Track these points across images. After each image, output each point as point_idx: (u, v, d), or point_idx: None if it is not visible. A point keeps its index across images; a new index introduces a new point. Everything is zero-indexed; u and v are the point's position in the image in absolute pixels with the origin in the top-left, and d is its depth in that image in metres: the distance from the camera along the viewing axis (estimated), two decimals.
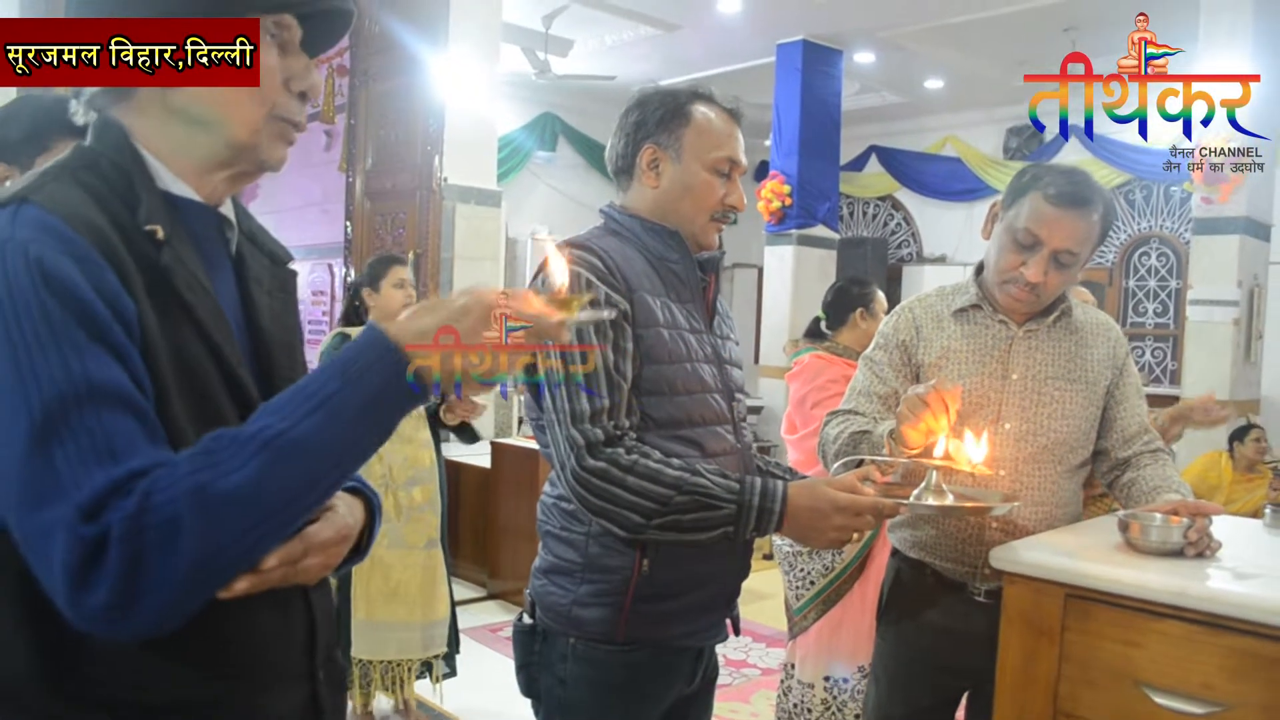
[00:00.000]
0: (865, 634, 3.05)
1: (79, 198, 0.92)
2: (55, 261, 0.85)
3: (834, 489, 1.54)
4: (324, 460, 0.88)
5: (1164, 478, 1.90)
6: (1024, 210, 1.87)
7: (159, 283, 0.94)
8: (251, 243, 1.13)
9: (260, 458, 0.84)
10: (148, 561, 0.80)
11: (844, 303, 3.38)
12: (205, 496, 0.82)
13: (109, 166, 0.97)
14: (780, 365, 7.48)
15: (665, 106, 1.69)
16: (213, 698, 0.97)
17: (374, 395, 0.89)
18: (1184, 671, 1.49)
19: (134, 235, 0.94)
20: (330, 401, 0.87)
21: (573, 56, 7.88)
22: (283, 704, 1.05)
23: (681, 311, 1.67)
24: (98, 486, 0.81)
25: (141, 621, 0.83)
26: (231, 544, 0.84)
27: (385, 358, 0.89)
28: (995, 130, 9.38)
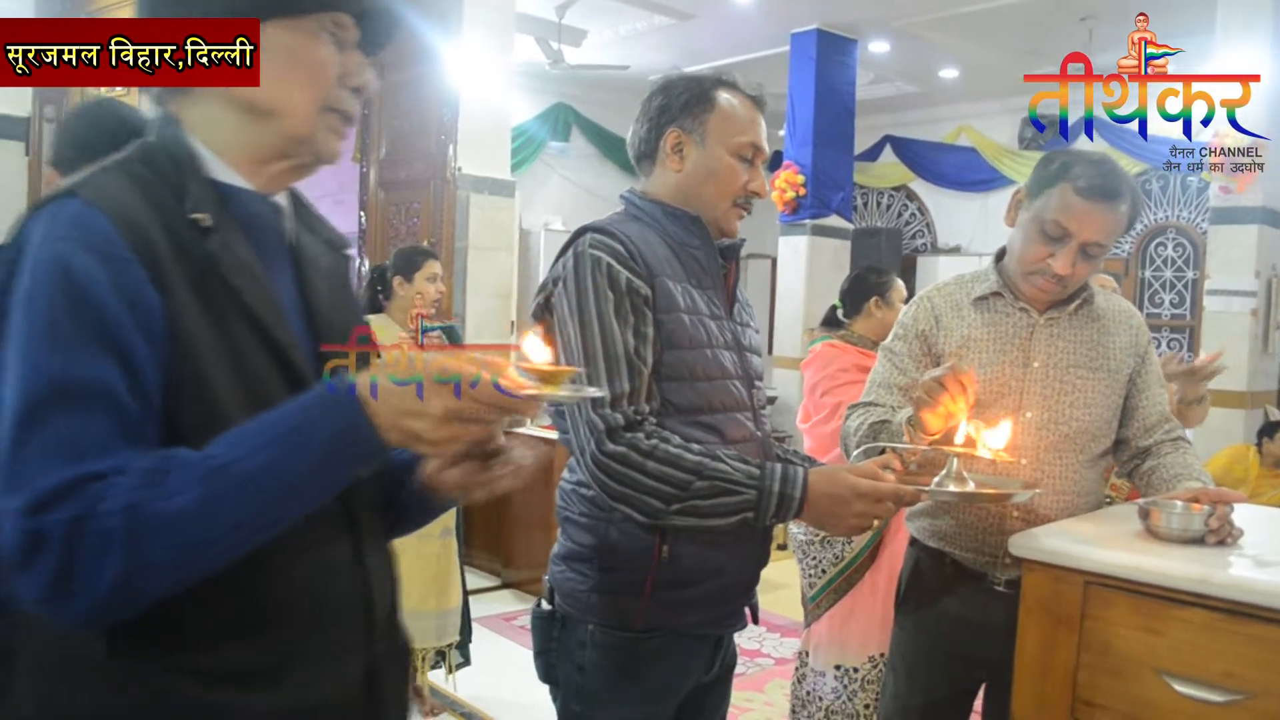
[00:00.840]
0: (877, 623, 3.05)
1: (125, 190, 0.96)
2: (77, 259, 0.89)
3: (854, 475, 1.53)
4: (266, 497, 0.89)
5: (1185, 465, 1.89)
6: (1053, 201, 1.85)
7: (205, 270, 0.97)
8: (309, 230, 1.17)
9: (203, 486, 0.86)
10: (77, 567, 0.83)
11: (860, 291, 3.37)
12: (139, 516, 0.84)
13: (164, 158, 1.01)
14: (794, 356, 7.47)
15: (690, 91, 1.69)
16: (266, 666, 0.99)
17: (325, 441, 0.89)
18: (1206, 660, 1.48)
19: (180, 224, 0.97)
20: (283, 440, 0.88)
21: (586, 46, 7.85)
22: (339, 675, 1.06)
23: (702, 297, 1.67)
24: (50, 484, 0.84)
25: (73, 616, 0.87)
26: (158, 564, 0.86)
27: (341, 406, 0.89)
28: (1011, 120, 9.32)
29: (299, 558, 1.00)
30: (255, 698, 0.98)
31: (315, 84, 1.05)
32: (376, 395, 0.89)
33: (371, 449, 0.91)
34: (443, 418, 0.89)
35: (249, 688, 0.98)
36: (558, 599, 1.68)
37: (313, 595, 1.03)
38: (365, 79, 1.11)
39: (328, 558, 1.05)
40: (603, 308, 1.56)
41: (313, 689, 1.03)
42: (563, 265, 1.64)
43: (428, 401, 0.88)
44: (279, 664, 1.00)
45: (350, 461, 0.92)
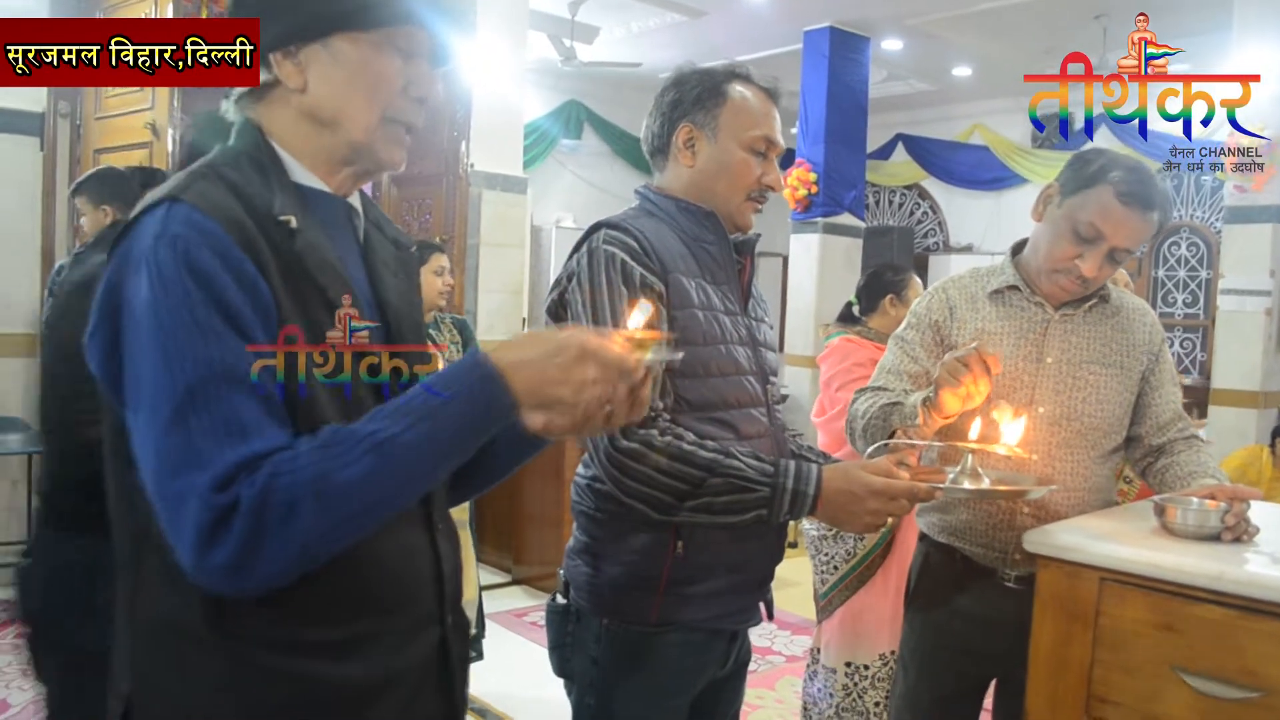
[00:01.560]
0: (888, 621, 3.04)
1: (222, 193, 1.02)
2: (200, 255, 0.96)
3: (869, 473, 1.53)
4: (422, 466, 0.98)
5: (1199, 463, 1.88)
6: (1090, 202, 1.83)
7: (293, 267, 1.04)
8: (378, 229, 1.24)
9: (371, 457, 0.94)
10: (267, 534, 0.91)
11: (876, 288, 3.37)
12: (324, 485, 0.92)
13: (248, 163, 1.08)
14: (805, 354, 7.46)
15: (702, 85, 1.69)
16: (353, 637, 1.07)
17: (474, 414, 0.98)
18: (1222, 656, 1.48)
19: (269, 225, 1.03)
20: (434, 415, 0.96)
21: (598, 44, 7.85)
22: (418, 647, 1.15)
23: (717, 293, 1.66)
24: (229, 461, 0.91)
25: (252, 583, 0.94)
26: (335, 529, 0.95)
27: (487, 381, 0.98)
28: (1024, 118, 9.26)
29: (383, 540, 1.07)
30: (342, 668, 1.06)
31: (376, 96, 1.11)
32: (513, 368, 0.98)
33: (508, 417, 1.00)
34: (581, 385, 0.99)
35: (337, 659, 1.06)
36: (572, 593, 1.68)
37: (396, 574, 1.11)
38: (429, 90, 1.16)
39: (407, 539, 1.14)
40: (616, 304, 1.56)
41: (395, 659, 1.11)
42: (577, 261, 1.63)
43: (571, 372, 0.98)
44: (364, 637, 1.08)
45: (491, 428, 1.01)
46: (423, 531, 1.17)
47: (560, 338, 1.00)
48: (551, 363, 0.98)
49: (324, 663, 1.05)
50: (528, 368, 0.98)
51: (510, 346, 1.01)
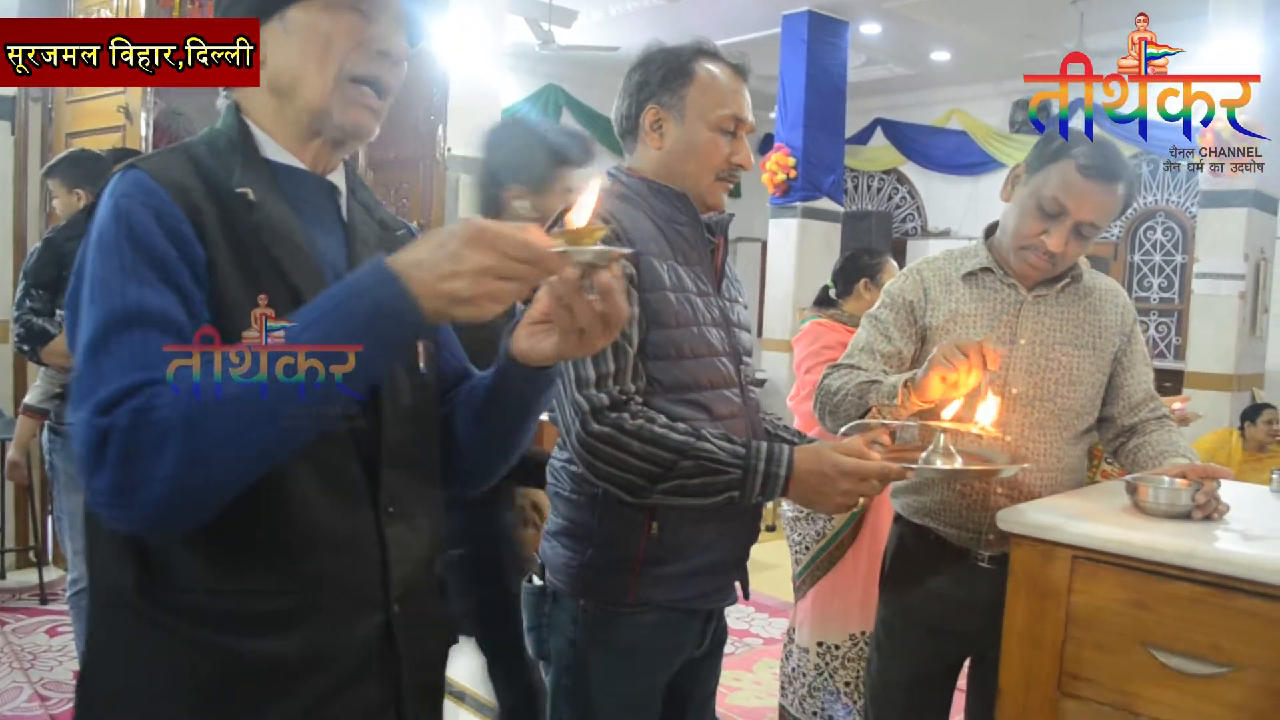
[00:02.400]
0: (858, 601, 3.07)
1: (180, 165, 1.05)
2: (137, 212, 0.99)
3: (840, 453, 1.53)
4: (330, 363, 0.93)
5: (1170, 443, 1.89)
6: (1053, 178, 1.85)
7: (248, 241, 1.04)
8: (365, 210, 1.22)
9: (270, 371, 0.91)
10: (141, 456, 0.89)
11: (852, 271, 3.37)
12: (193, 402, 0.90)
13: (224, 140, 1.10)
14: (784, 338, 7.47)
15: (668, 65, 1.67)
16: (283, 609, 1.05)
17: (367, 314, 0.92)
18: (1192, 633, 1.49)
19: (228, 199, 1.04)
20: (325, 319, 0.93)
21: (576, 27, 7.82)
22: (355, 630, 1.11)
23: (689, 274, 1.66)
24: (117, 388, 0.91)
25: (136, 514, 0.92)
26: (215, 450, 0.91)
27: (379, 280, 0.93)
28: (1002, 103, 9.32)
29: (317, 518, 1.05)
30: (266, 642, 1.04)
31: (329, 56, 1.09)
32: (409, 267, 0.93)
33: (412, 319, 0.93)
34: (479, 272, 0.91)
35: (264, 634, 1.04)
36: (548, 574, 1.68)
37: (328, 554, 1.07)
38: (392, 44, 1.12)
39: (345, 521, 1.09)
40: None
41: (326, 640, 1.08)
42: None
43: (463, 260, 0.91)
44: (293, 614, 1.05)
45: (391, 336, 0.96)
46: (367, 513, 1.11)
47: (454, 226, 0.93)
48: (442, 253, 0.92)
49: (251, 638, 1.03)
50: (421, 264, 0.92)
51: (411, 247, 0.96)
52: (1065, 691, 1.61)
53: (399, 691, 1.17)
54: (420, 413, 1.20)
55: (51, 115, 5.08)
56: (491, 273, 0.91)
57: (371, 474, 1.11)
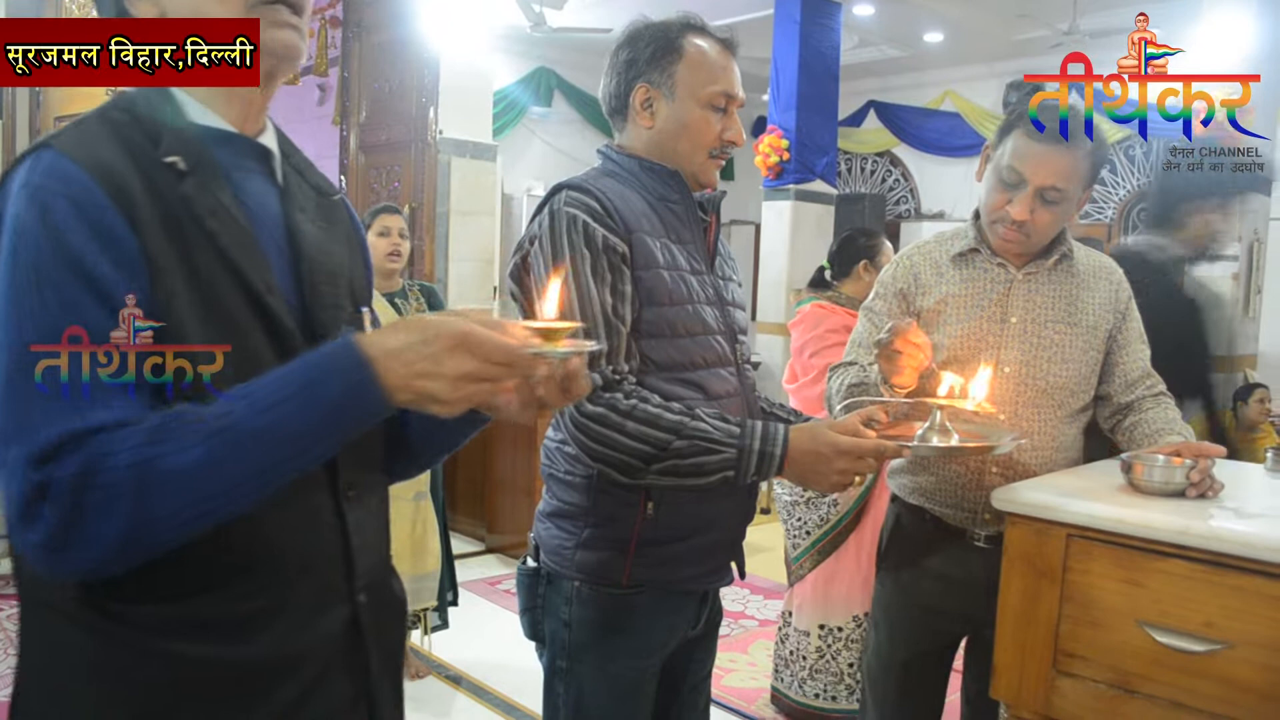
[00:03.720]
0: (860, 584, 3.08)
1: (100, 137, 0.96)
2: (56, 207, 0.89)
3: (836, 432, 1.52)
4: (270, 455, 0.89)
5: (1167, 420, 1.89)
6: (1008, 148, 1.87)
7: (180, 213, 0.96)
8: (299, 175, 1.15)
9: (210, 443, 0.86)
10: (82, 519, 0.84)
11: (849, 253, 3.36)
12: (148, 472, 0.84)
13: (143, 104, 1.01)
14: (778, 321, 7.46)
15: (656, 42, 1.65)
16: (241, 617, 1.00)
17: (332, 402, 0.89)
18: (1186, 610, 1.49)
19: (155, 169, 0.96)
20: (290, 400, 0.88)
21: (568, 9, 7.76)
22: (322, 625, 1.06)
23: (682, 252, 1.65)
24: (54, 435, 0.85)
25: (71, 568, 0.87)
26: (164, 519, 0.86)
27: (350, 367, 0.89)
28: (995, 85, 9.27)
29: (274, 511, 0.99)
30: (232, 649, 0.99)
31: None
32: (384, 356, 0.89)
33: (378, 409, 0.91)
34: (458, 379, 0.89)
35: (225, 640, 0.98)
36: (543, 556, 1.67)
37: (288, 545, 1.03)
38: None
39: (304, 511, 1.05)
40: (579, 266, 1.54)
41: (291, 640, 1.03)
42: (539, 224, 1.61)
43: (443, 364, 0.88)
44: (255, 615, 1.00)
45: (356, 421, 0.92)
46: (326, 498, 1.07)
47: (436, 325, 0.90)
48: (423, 353, 0.88)
49: (208, 643, 0.97)
50: (398, 357, 0.89)
51: (386, 332, 0.91)
52: (1060, 670, 1.62)
53: (368, 685, 1.13)
54: None
55: (40, 99, 5.05)
56: (470, 378, 0.90)
57: (329, 462, 1.05)
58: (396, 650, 1.24)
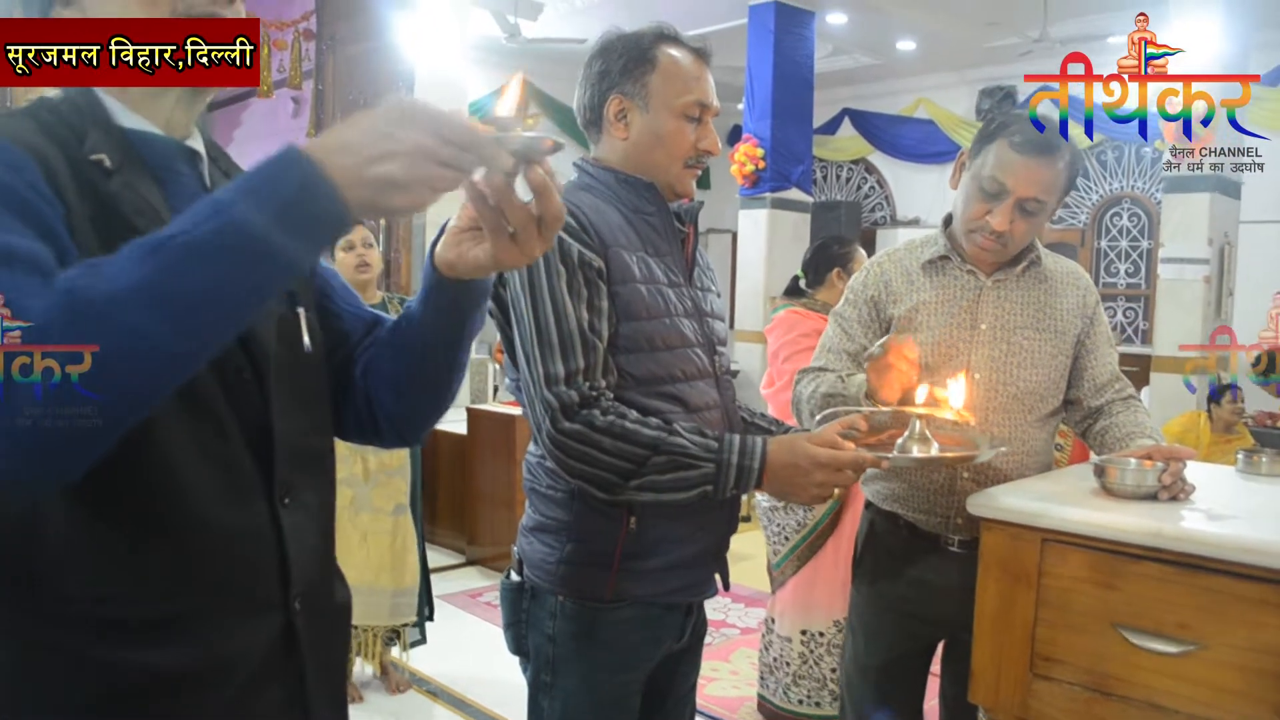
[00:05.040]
0: (840, 588, 3.09)
1: (27, 128, 0.95)
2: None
3: (814, 445, 1.53)
4: (218, 270, 0.79)
5: (1137, 424, 1.91)
6: (990, 159, 1.88)
7: (107, 209, 0.94)
8: (226, 178, 1.11)
9: (145, 263, 0.78)
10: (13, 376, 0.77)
11: (823, 261, 3.39)
12: (74, 301, 0.77)
13: (68, 107, 0.99)
14: (755, 329, 7.49)
15: (629, 53, 1.65)
16: (174, 615, 0.97)
17: (281, 205, 0.80)
18: (1160, 612, 1.51)
19: (82, 165, 0.95)
20: (231, 208, 0.80)
21: (543, 20, 7.80)
22: (252, 633, 1.03)
23: (659, 265, 1.65)
24: None
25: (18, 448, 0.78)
26: (102, 359, 0.77)
27: (295, 167, 0.81)
28: (968, 92, 9.38)
29: (205, 511, 0.97)
30: (160, 653, 0.96)
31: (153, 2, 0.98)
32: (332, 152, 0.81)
33: (332, 213, 0.82)
34: (414, 154, 0.81)
35: (148, 642, 0.95)
36: (526, 570, 1.67)
37: (219, 550, 1.00)
38: None
39: (237, 513, 1.01)
40: (554, 283, 1.53)
41: (220, 647, 1.00)
42: None
43: (396, 138, 0.81)
44: (181, 619, 0.97)
45: (309, 230, 0.83)
46: (261, 504, 1.03)
47: (381, 109, 0.82)
48: (372, 134, 0.81)
49: (131, 646, 0.94)
50: (346, 149, 0.81)
51: (325, 134, 0.83)
52: (1037, 673, 1.63)
53: (304, 694, 1.09)
54: (309, 393, 1.11)
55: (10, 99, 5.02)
56: (428, 155, 0.81)
57: (263, 463, 1.03)
58: (337, 658, 1.21)
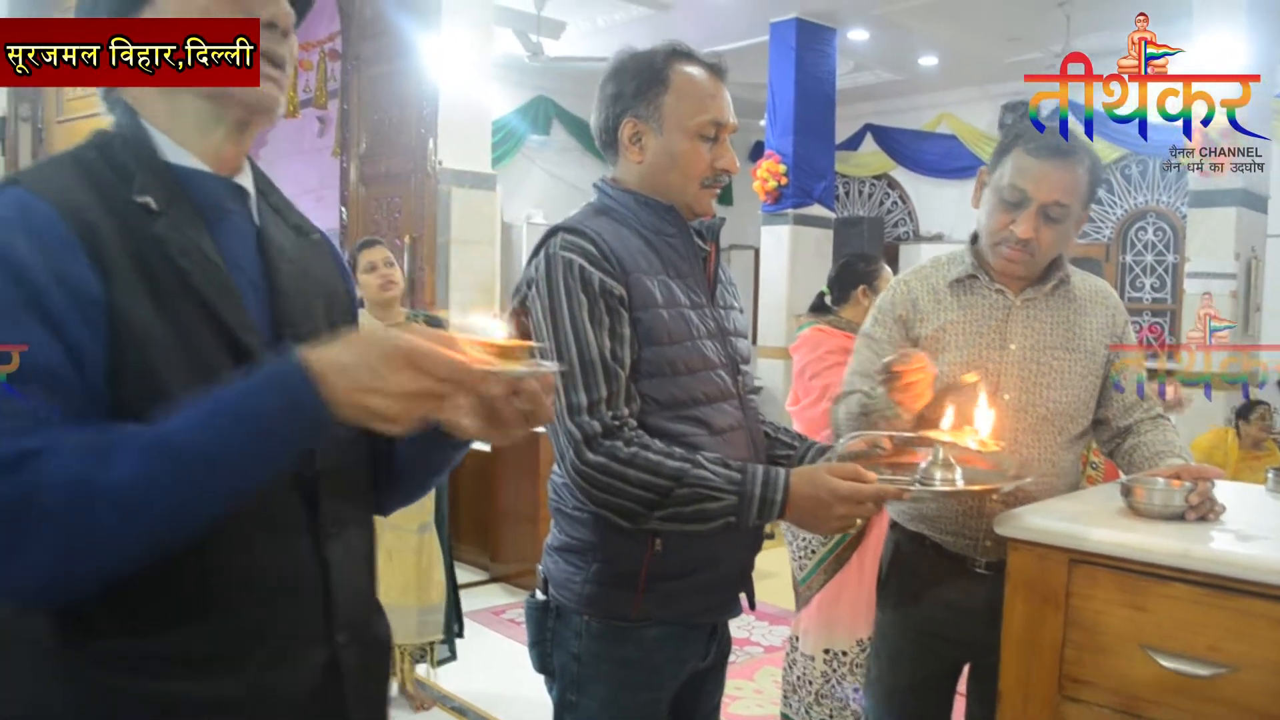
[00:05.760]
0: (863, 607, 3.07)
1: (70, 176, 0.96)
2: (15, 242, 0.88)
3: (836, 478, 1.52)
4: (209, 470, 0.87)
5: (1166, 443, 1.90)
6: (1008, 168, 1.88)
7: (152, 253, 0.96)
8: (276, 214, 1.15)
9: (142, 458, 0.84)
10: (12, 541, 0.82)
11: (848, 279, 3.39)
12: (77, 492, 0.82)
13: (118, 144, 1.01)
14: (778, 345, 7.48)
15: (641, 75, 1.64)
16: (218, 653, 0.98)
17: (272, 414, 0.87)
18: (1190, 634, 1.49)
19: (127, 208, 0.96)
20: (228, 412, 0.87)
21: (565, 39, 7.84)
22: (297, 667, 1.05)
23: (681, 287, 1.64)
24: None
25: (9, 591, 0.87)
26: (99, 540, 0.84)
27: (292, 380, 0.87)
28: (990, 106, 9.35)
29: (252, 547, 1.00)
30: (205, 686, 0.97)
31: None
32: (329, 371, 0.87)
33: (320, 425, 0.88)
34: (401, 395, 0.87)
35: (199, 676, 0.97)
36: (552, 589, 1.67)
37: (266, 586, 1.02)
38: (273, 12, 1.04)
39: (283, 549, 1.04)
40: (576, 312, 1.53)
41: (268, 680, 1.02)
42: (535, 268, 1.60)
43: (386, 378, 0.87)
44: (231, 654, 0.99)
45: (297, 437, 0.90)
46: (306, 540, 1.06)
47: (382, 342, 0.88)
48: (368, 368, 0.87)
49: (183, 681, 0.96)
50: (343, 373, 0.87)
51: (333, 348, 0.89)
52: (1065, 695, 1.61)
53: None
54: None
55: (42, 135, 5.09)
56: (416, 395, 0.88)
57: (309, 497, 1.06)
58: (378, 690, 1.22)
